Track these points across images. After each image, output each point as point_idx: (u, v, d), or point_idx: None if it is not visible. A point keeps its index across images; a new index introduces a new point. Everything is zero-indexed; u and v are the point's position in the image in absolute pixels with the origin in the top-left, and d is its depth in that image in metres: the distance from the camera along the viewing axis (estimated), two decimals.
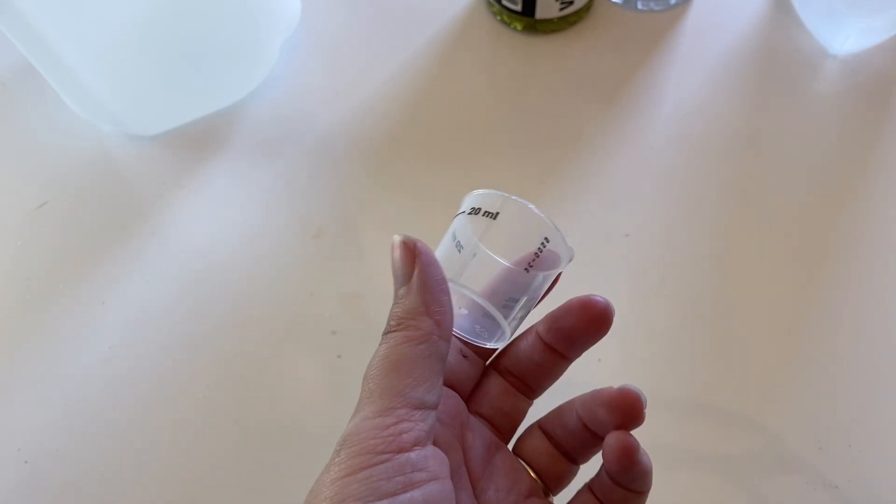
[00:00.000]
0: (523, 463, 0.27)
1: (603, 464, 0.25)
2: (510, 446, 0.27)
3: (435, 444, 0.22)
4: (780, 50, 0.49)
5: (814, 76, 0.48)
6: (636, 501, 0.25)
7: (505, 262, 0.23)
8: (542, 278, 0.24)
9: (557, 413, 0.27)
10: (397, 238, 0.23)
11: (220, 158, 0.46)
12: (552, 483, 0.27)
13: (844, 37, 0.47)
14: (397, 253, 0.23)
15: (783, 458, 0.36)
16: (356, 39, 0.51)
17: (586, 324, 0.25)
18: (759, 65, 0.49)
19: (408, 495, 0.20)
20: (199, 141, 0.47)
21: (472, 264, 0.23)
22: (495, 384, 0.27)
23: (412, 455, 0.20)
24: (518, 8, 0.49)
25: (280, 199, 0.45)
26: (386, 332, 0.23)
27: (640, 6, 0.51)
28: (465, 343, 0.27)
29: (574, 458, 0.27)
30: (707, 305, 0.40)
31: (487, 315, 0.24)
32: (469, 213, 0.24)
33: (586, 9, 0.50)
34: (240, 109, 0.48)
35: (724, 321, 0.40)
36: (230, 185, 0.45)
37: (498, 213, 0.24)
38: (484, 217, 0.24)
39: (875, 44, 0.49)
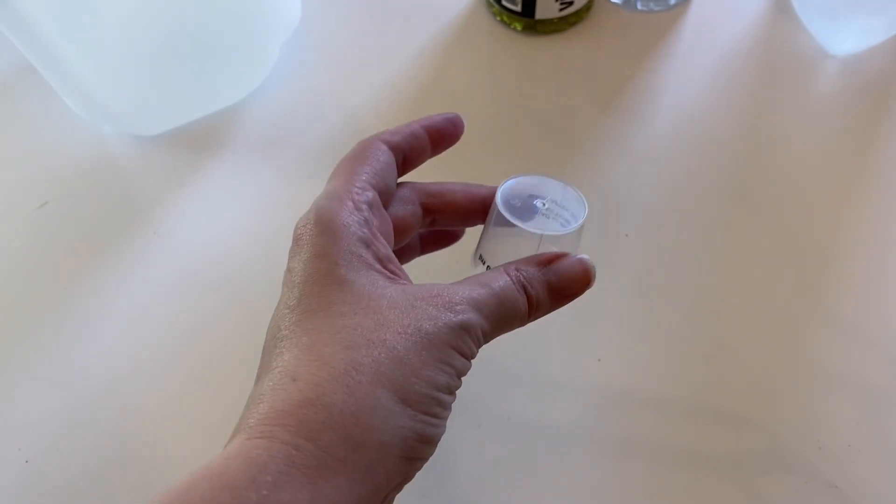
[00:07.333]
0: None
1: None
2: None
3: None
4: (780, 50, 0.49)
5: (814, 76, 0.48)
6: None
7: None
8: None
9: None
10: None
11: (221, 158, 0.46)
12: None
13: (844, 37, 0.47)
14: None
15: (783, 458, 0.36)
16: (356, 39, 0.51)
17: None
18: (759, 65, 0.49)
19: None
20: (199, 141, 0.47)
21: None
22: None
23: None
24: (518, 8, 0.49)
25: (280, 199, 0.45)
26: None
27: (639, 6, 0.51)
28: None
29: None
30: (707, 305, 0.40)
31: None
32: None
33: (586, 9, 0.50)
34: (240, 109, 0.48)
35: (724, 321, 0.40)
36: (231, 185, 0.45)
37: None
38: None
39: (875, 44, 0.49)
